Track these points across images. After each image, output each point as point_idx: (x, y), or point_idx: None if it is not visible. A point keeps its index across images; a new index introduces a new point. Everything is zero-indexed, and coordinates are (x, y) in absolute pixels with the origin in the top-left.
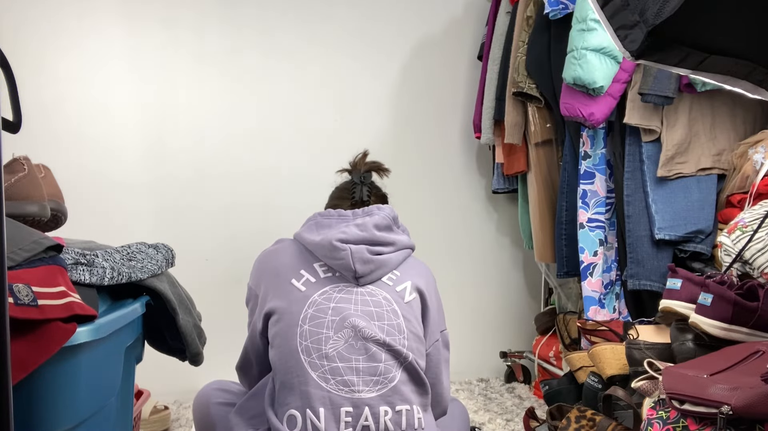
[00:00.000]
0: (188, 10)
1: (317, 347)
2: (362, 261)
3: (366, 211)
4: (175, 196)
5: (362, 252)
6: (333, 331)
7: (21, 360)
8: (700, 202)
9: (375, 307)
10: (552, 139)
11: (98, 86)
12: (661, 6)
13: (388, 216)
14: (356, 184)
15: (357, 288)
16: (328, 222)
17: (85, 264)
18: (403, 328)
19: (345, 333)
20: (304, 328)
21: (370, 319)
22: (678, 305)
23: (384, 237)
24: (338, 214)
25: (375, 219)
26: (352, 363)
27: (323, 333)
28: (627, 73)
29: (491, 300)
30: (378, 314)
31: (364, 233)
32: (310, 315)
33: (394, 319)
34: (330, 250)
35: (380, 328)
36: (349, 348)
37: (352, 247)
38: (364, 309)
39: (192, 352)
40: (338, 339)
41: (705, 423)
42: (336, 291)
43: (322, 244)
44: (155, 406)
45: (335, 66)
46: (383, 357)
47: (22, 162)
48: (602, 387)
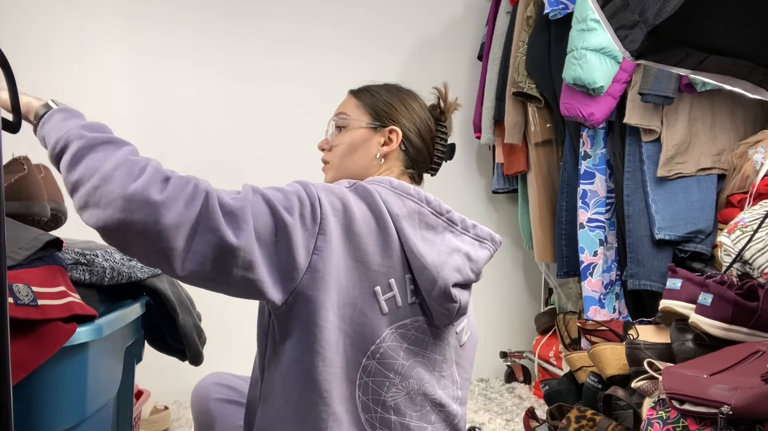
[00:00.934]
0: (188, 10)
1: (377, 390)
2: (462, 315)
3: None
4: None
5: (467, 305)
6: (399, 378)
7: (21, 360)
8: (700, 202)
9: (439, 355)
10: (552, 139)
11: (98, 86)
12: (661, 6)
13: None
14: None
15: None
16: (434, 222)
17: (85, 264)
18: (456, 378)
19: (409, 384)
20: (371, 363)
21: (432, 370)
22: (678, 305)
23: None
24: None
25: (485, 255)
26: (405, 418)
27: (389, 377)
28: (627, 73)
29: (491, 300)
30: (440, 364)
31: (473, 276)
32: (382, 352)
33: (447, 369)
34: (440, 294)
35: (438, 381)
36: (407, 402)
37: (463, 299)
38: (430, 356)
39: (192, 352)
40: (401, 389)
41: (705, 423)
42: (414, 328)
43: (433, 277)
44: (155, 406)
45: (335, 66)
46: (433, 419)
47: (22, 162)
48: (602, 387)
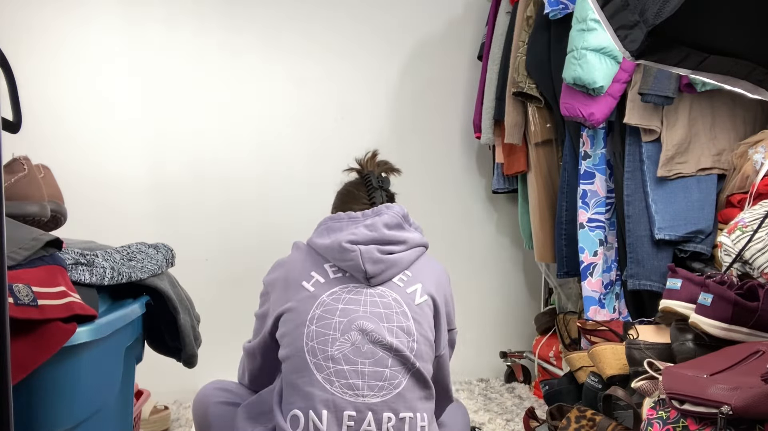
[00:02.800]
0: (188, 11)
1: (323, 348)
2: (372, 261)
3: (375, 211)
4: (175, 195)
5: (372, 252)
6: (340, 333)
7: (21, 360)
8: (700, 202)
9: (384, 309)
10: (552, 139)
11: (98, 86)
12: (661, 6)
13: (398, 214)
14: (374, 188)
15: (367, 289)
16: (339, 225)
17: (85, 264)
18: (412, 331)
19: (352, 336)
20: (311, 329)
21: (379, 321)
22: (678, 305)
23: (394, 236)
24: (348, 216)
25: (384, 218)
26: (358, 366)
27: (330, 334)
28: (627, 73)
29: (491, 300)
30: (387, 316)
31: (374, 233)
32: (317, 316)
33: (403, 321)
34: (339, 252)
35: (389, 330)
36: (355, 351)
37: (361, 248)
38: (373, 310)
39: (188, 353)
40: (345, 341)
41: (705, 423)
42: (345, 291)
43: (332, 247)
44: (155, 406)
45: (335, 66)
46: (390, 362)
47: (22, 162)
48: (602, 387)
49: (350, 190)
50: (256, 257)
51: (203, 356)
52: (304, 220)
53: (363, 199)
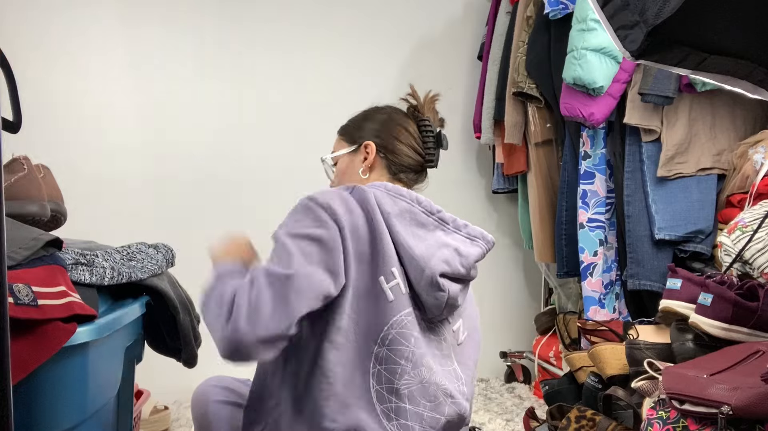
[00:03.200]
0: (188, 11)
1: (390, 377)
2: (453, 307)
3: (468, 232)
4: (175, 195)
5: (457, 297)
6: (411, 365)
7: (21, 360)
8: (700, 202)
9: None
10: (552, 139)
11: (98, 86)
12: (661, 6)
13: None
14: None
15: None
16: (425, 221)
17: (85, 264)
18: (459, 374)
19: (421, 373)
20: (382, 350)
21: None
22: (678, 305)
23: (475, 273)
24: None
25: (477, 252)
26: (420, 408)
27: (400, 364)
28: (627, 73)
29: (491, 300)
30: (444, 358)
31: (464, 270)
32: (392, 338)
33: (449, 364)
34: (428, 284)
35: (445, 374)
36: (421, 391)
37: (451, 289)
38: (436, 347)
39: (188, 353)
40: (413, 377)
41: (705, 423)
42: (416, 317)
43: (422, 267)
44: (155, 406)
45: (335, 66)
46: (446, 411)
47: (22, 162)
48: (602, 387)
49: (402, 123)
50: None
51: (203, 356)
52: None
53: (416, 146)
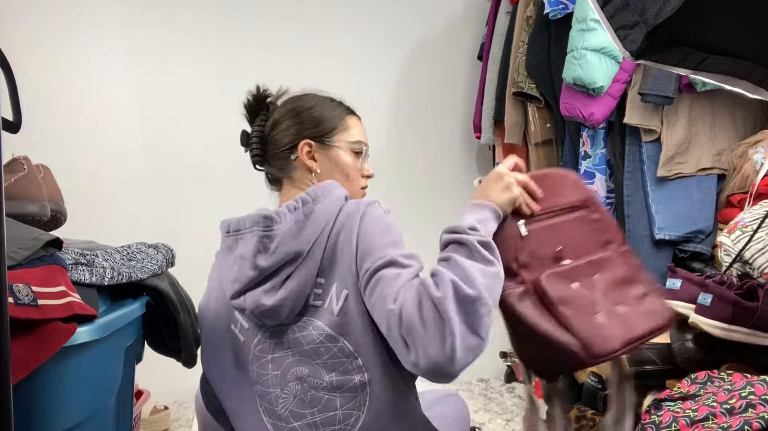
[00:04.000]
0: (188, 10)
1: (272, 409)
2: (266, 314)
3: (234, 226)
4: (175, 195)
5: (259, 303)
6: (280, 389)
7: (21, 360)
8: (700, 202)
9: (308, 344)
10: (552, 139)
11: (98, 86)
12: (661, 6)
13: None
14: None
15: (286, 327)
16: (225, 247)
17: (85, 264)
18: (347, 348)
19: (291, 388)
20: (257, 388)
21: (310, 360)
22: (678, 305)
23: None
24: (228, 225)
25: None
26: (308, 418)
27: (272, 392)
28: (627, 73)
29: None
30: (315, 351)
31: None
32: (256, 374)
33: (333, 346)
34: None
35: (324, 366)
36: (299, 404)
37: (248, 304)
38: (299, 350)
39: (188, 353)
40: (287, 397)
41: (696, 425)
42: (266, 337)
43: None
44: (155, 406)
45: (335, 66)
46: (338, 403)
47: (22, 162)
48: (602, 387)
49: None
50: None
51: None
52: None
53: None
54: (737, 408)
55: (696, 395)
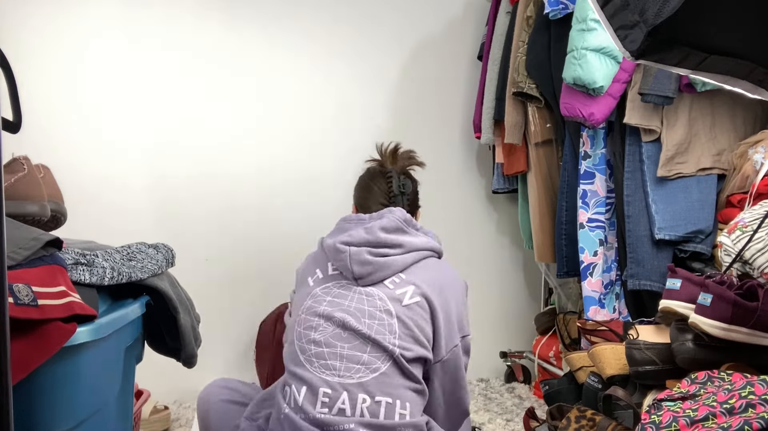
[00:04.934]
0: (188, 10)
1: (307, 333)
2: (360, 262)
3: (379, 214)
4: (175, 195)
5: (361, 254)
6: (324, 320)
7: (21, 360)
8: (700, 202)
9: (369, 306)
10: (552, 139)
11: (98, 86)
12: (661, 6)
13: (398, 218)
14: (395, 195)
15: (356, 287)
16: (347, 226)
17: (85, 264)
18: (395, 329)
19: (334, 322)
20: (301, 316)
21: (361, 316)
22: (678, 305)
23: (390, 239)
24: (357, 218)
25: (383, 221)
26: (337, 349)
27: (314, 320)
28: (627, 73)
29: (491, 300)
30: (370, 313)
31: (369, 236)
32: (308, 306)
33: (386, 319)
34: (334, 252)
35: (369, 326)
36: (336, 336)
37: (351, 249)
38: (357, 306)
39: (188, 353)
40: (327, 327)
41: (696, 425)
42: (337, 287)
43: (331, 247)
44: (155, 406)
45: (335, 66)
46: (368, 349)
47: (22, 162)
48: (602, 387)
49: (370, 184)
50: (256, 257)
51: (203, 356)
52: (303, 220)
53: (382, 198)
54: (737, 408)
55: (696, 395)
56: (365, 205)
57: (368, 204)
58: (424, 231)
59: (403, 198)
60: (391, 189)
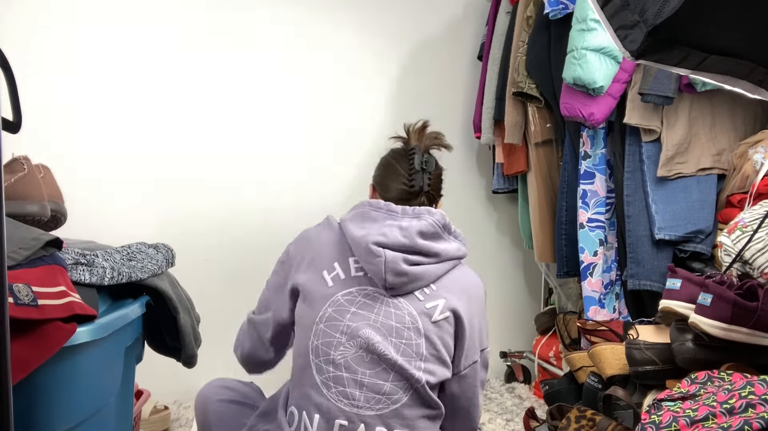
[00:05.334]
0: (189, 10)
1: (326, 350)
2: (395, 272)
3: (416, 212)
4: (175, 196)
5: (397, 262)
6: (346, 337)
7: (21, 360)
8: (700, 202)
9: (396, 322)
10: (552, 139)
11: (98, 86)
12: (661, 6)
13: (438, 222)
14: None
15: (384, 298)
16: (375, 215)
17: (85, 264)
18: (422, 351)
19: (357, 343)
20: (319, 327)
21: (388, 334)
22: (677, 305)
23: (427, 247)
24: (387, 208)
25: (422, 224)
26: (358, 375)
27: (336, 337)
28: (627, 73)
29: (491, 300)
30: (398, 330)
31: (406, 240)
32: (328, 315)
33: (414, 338)
34: (366, 253)
35: (395, 347)
36: (357, 359)
37: (387, 254)
38: (384, 322)
39: (188, 353)
40: (349, 347)
41: (696, 425)
42: (362, 295)
43: (361, 243)
44: (155, 406)
45: (335, 66)
46: (391, 377)
47: (22, 162)
48: (602, 387)
49: (392, 163)
50: (256, 257)
51: (203, 356)
52: (303, 220)
53: (403, 177)
54: (737, 407)
55: (696, 395)
56: (384, 183)
57: (387, 182)
58: (455, 235)
59: (424, 176)
60: (412, 166)
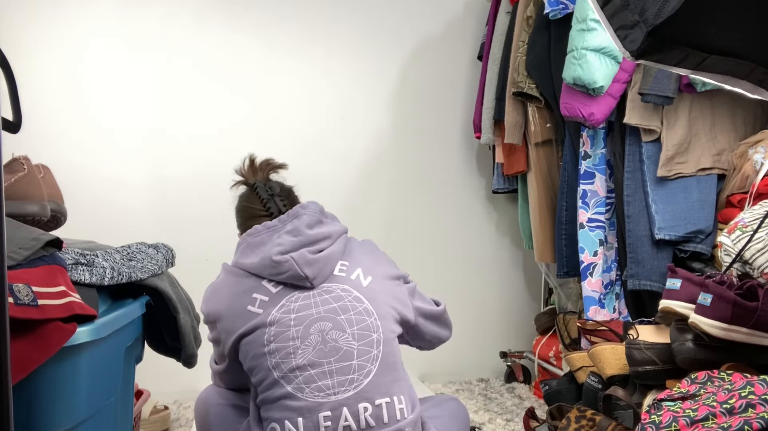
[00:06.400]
0: (188, 11)
1: (287, 361)
2: (308, 263)
3: (292, 214)
4: (175, 195)
5: (305, 256)
6: (300, 341)
7: (21, 360)
8: (700, 202)
9: (336, 302)
10: (552, 139)
11: (98, 86)
12: (661, 6)
13: (315, 211)
14: (265, 199)
15: (313, 291)
16: (260, 239)
17: (85, 264)
18: (371, 310)
19: (312, 340)
20: (271, 346)
21: (335, 316)
22: (677, 305)
23: (319, 234)
24: (265, 227)
25: (304, 219)
26: (324, 367)
27: (290, 346)
28: (627, 73)
29: (491, 300)
30: (342, 308)
31: (299, 237)
32: (273, 333)
33: (359, 306)
34: (273, 267)
35: (347, 321)
36: (319, 354)
37: (293, 254)
38: (326, 308)
39: (188, 353)
40: (306, 347)
41: (696, 425)
42: (292, 300)
43: (263, 263)
44: (155, 406)
45: (335, 66)
46: (355, 353)
47: (22, 162)
48: (602, 387)
49: (245, 205)
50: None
51: (203, 356)
52: None
53: (260, 211)
54: (737, 407)
55: (696, 395)
56: (248, 224)
57: (250, 223)
58: (331, 217)
59: (275, 200)
60: (261, 198)
